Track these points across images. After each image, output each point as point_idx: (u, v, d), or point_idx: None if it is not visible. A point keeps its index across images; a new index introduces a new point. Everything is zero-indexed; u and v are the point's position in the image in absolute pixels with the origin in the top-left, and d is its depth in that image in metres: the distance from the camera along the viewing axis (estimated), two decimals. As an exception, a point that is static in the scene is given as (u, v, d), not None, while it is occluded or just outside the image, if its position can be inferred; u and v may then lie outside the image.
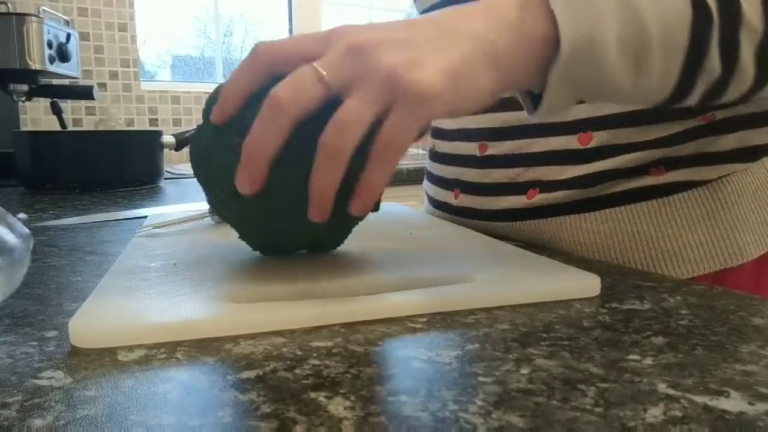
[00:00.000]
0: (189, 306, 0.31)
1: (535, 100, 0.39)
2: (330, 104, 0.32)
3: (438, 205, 0.66)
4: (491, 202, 0.58)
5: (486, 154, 0.58)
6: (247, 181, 0.33)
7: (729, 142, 0.49)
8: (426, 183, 0.70)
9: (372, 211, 0.38)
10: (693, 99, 0.38)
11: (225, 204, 0.37)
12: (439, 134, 0.65)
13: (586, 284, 0.36)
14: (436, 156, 0.66)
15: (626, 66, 0.35)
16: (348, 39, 0.33)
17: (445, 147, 0.64)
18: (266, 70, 0.34)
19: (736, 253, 0.49)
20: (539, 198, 0.53)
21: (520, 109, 0.43)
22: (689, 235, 0.49)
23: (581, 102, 0.39)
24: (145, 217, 0.66)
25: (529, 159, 0.54)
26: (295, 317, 0.30)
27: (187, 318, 0.29)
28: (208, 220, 0.56)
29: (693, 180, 0.49)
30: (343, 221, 0.39)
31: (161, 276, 0.36)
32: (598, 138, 0.50)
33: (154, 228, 0.52)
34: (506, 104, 0.55)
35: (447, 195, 0.64)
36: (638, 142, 0.49)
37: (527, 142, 0.54)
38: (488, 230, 0.58)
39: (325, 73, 0.32)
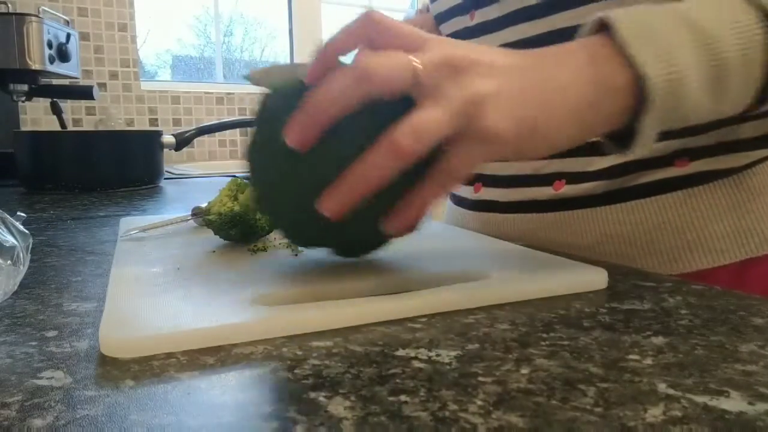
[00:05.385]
0: (217, 311, 0.30)
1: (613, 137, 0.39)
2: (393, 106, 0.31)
3: (457, 201, 0.67)
4: (515, 193, 0.58)
5: None
6: (300, 132, 0.31)
7: (746, 130, 0.49)
8: None
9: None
10: None
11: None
12: None
13: (594, 278, 0.37)
14: None
15: (707, 94, 0.35)
16: (446, 50, 0.32)
17: None
18: (366, 37, 0.33)
19: (762, 243, 0.49)
20: (566, 189, 0.54)
21: None
22: (715, 226, 0.49)
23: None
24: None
25: None
26: (347, 316, 0.30)
27: (224, 323, 0.28)
28: (191, 222, 0.56)
29: (718, 169, 0.50)
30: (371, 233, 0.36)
31: (170, 281, 0.36)
32: None
33: (139, 231, 0.52)
34: None
35: (467, 189, 0.65)
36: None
37: None
38: (505, 222, 0.59)
39: (421, 67, 0.31)
